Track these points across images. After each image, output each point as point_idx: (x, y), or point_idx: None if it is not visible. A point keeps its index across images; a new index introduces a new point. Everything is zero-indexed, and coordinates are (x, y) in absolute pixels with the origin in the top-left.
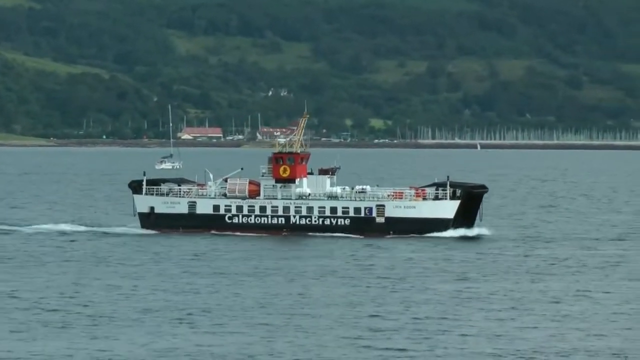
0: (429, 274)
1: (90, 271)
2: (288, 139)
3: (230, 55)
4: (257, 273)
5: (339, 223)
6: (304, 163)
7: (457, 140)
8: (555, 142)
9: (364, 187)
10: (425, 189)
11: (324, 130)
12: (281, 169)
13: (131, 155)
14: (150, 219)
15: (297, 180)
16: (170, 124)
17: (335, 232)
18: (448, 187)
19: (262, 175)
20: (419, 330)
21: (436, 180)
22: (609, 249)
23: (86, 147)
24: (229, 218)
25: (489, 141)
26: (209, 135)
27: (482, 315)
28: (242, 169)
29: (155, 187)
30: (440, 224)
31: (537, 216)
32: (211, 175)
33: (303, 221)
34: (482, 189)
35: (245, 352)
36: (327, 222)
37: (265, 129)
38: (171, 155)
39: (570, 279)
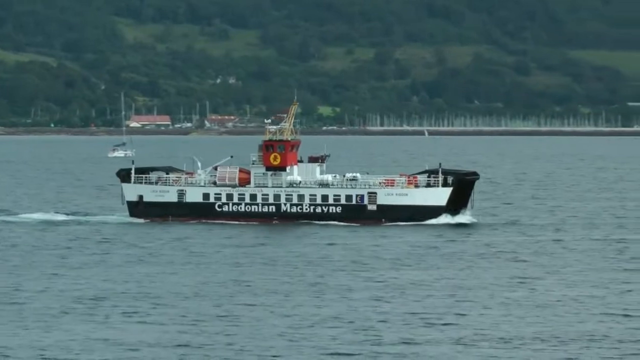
0: (373, 262)
1: (36, 259)
2: (279, 126)
3: (178, 43)
4: (204, 261)
5: (330, 211)
6: (294, 151)
7: (406, 127)
8: (504, 128)
9: (355, 174)
10: (417, 176)
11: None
12: (272, 156)
13: (81, 143)
14: (139, 208)
15: (288, 168)
16: (123, 112)
17: (326, 220)
18: (440, 174)
19: (253, 163)
20: (353, 320)
21: (427, 168)
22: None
23: (34, 135)
24: (219, 206)
25: (437, 128)
26: (157, 123)
27: (422, 303)
28: (231, 156)
29: (143, 176)
30: (433, 212)
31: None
32: (199, 164)
33: (294, 209)
34: (473, 176)
35: (176, 341)
36: (319, 210)
37: (213, 117)
38: (124, 144)
39: (508, 266)
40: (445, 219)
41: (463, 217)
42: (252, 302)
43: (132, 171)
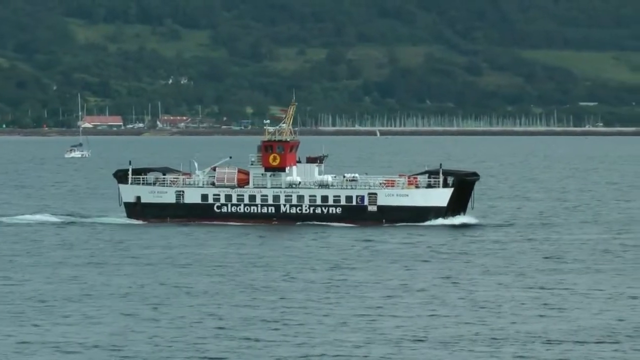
0: (310, 263)
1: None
2: (277, 127)
3: (129, 44)
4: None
5: (330, 212)
6: (293, 151)
7: (358, 127)
8: (456, 128)
9: (354, 175)
10: (417, 176)
11: (224, 118)
12: (271, 157)
13: (36, 144)
14: (136, 209)
15: (287, 169)
16: (80, 113)
17: (326, 221)
18: (441, 174)
19: (252, 164)
20: (286, 320)
21: (427, 168)
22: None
23: None
24: (218, 207)
25: (389, 128)
26: (109, 123)
27: (355, 304)
28: (230, 157)
29: (141, 176)
30: (434, 212)
31: None
32: (196, 165)
33: (293, 210)
34: (474, 177)
35: (107, 342)
36: (318, 210)
37: (165, 117)
38: (81, 144)
39: (441, 267)
40: (445, 220)
41: (463, 218)
42: (185, 304)
43: (130, 172)
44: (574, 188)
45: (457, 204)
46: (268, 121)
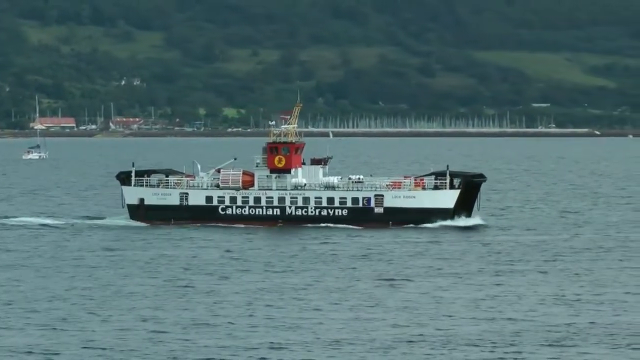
0: (249, 265)
1: None
2: (282, 128)
3: (82, 45)
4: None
5: (336, 214)
6: (299, 153)
7: (310, 129)
8: (409, 129)
9: (360, 176)
10: (424, 178)
11: (177, 120)
12: (276, 159)
13: None
14: (140, 211)
15: (293, 171)
16: (37, 115)
17: (332, 223)
18: (448, 176)
19: (257, 166)
20: (217, 324)
21: (432, 170)
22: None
23: None
24: (222, 209)
25: (341, 129)
26: (62, 125)
27: (292, 306)
28: (235, 159)
29: (144, 178)
30: (441, 214)
31: None
32: (199, 166)
33: (299, 212)
34: (481, 178)
35: (39, 347)
36: (324, 212)
37: (118, 119)
38: (38, 146)
39: (382, 268)
40: (452, 221)
41: (470, 220)
42: (121, 306)
43: (133, 174)
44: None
45: (463, 206)
46: (273, 122)
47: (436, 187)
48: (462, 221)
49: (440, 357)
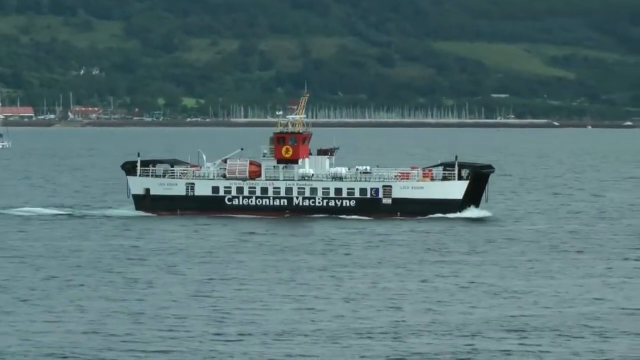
0: (189, 255)
1: None
2: (290, 117)
3: (41, 34)
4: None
5: (343, 204)
6: (306, 143)
7: (270, 119)
8: (368, 120)
9: (367, 167)
10: (432, 169)
11: (136, 109)
12: (283, 149)
13: None
14: (145, 201)
15: (300, 161)
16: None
17: (340, 214)
18: (456, 167)
19: (264, 156)
20: (159, 313)
21: (440, 161)
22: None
23: None
24: (229, 200)
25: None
26: (21, 114)
27: (233, 297)
28: (242, 149)
29: (149, 168)
30: (450, 205)
31: None
32: (204, 156)
33: (306, 203)
34: (489, 169)
35: None
36: (332, 203)
37: (77, 108)
38: (1, 135)
39: (324, 258)
40: (461, 212)
41: (479, 211)
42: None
43: (138, 164)
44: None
45: (472, 197)
46: (281, 112)
47: (445, 178)
48: (470, 212)
49: (384, 348)
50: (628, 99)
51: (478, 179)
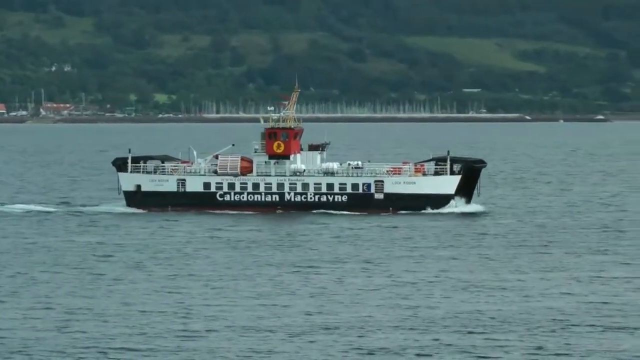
0: (152, 251)
1: None
2: (281, 113)
3: (13, 31)
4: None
5: (335, 200)
6: (297, 139)
7: (241, 114)
8: (339, 115)
9: (358, 162)
10: (424, 164)
11: (108, 106)
12: (275, 144)
13: None
14: (137, 198)
15: (292, 156)
16: None
17: (332, 210)
18: (448, 162)
19: (255, 152)
20: (118, 311)
21: (432, 156)
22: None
23: None
24: (220, 196)
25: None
26: None
27: (194, 292)
28: (233, 145)
29: (140, 164)
30: (442, 200)
31: None
32: (195, 152)
33: (298, 198)
34: (481, 164)
35: None
36: (324, 199)
37: (49, 105)
38: None
39: (288, 254)
40: (453, 207)
41: (470, 206)
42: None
43: (129, 160)
44: None
45: (464, 192)
46: (272, 108)
47: (437, 173)
48: (462, 207)
49: (350, 344)
50: (599, 92)
51: (470, 174)
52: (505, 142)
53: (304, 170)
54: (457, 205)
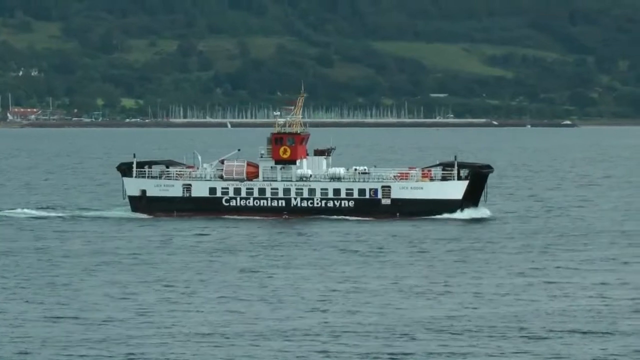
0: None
1: None
2: (288, 118)
3: None
4: None
5: (342, 205)
6: (304, 144)
7: (209, 119)
8: (307, 119)
9: (365, 167)
10: (431, 169)
11: (75, 110)
12: (281, 149)
13: None
14: (142, 203)
15: (298, 162)
16: None
17: (338, 215)
18: (456, 167)
19: (261, 157)
20: (71, 317)
21: (438, 162)
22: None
23: None
24: (226, 201)
25: (240, 119)
26: None
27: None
28: (239, 149)
29: (145, 169)
30: (450, 205)
31: None
32: (199, 157)
33: (304, 203)
34: (488, 169)
35: None
36: (330, 204)
37: (16, 109)
38: None
39: (244, 260)
40: (461, 213)
41: (477, 211)
42: None
43: (134, 165)
44: None
45: (471, 197)
46: (278, 112)
47: (444, 178)
48: (469, 212)
49: (304, 349)
50: (567, 97)
51: (477, 179)
52: (474, 147)
53: (311, 176)
54: (464, 211)
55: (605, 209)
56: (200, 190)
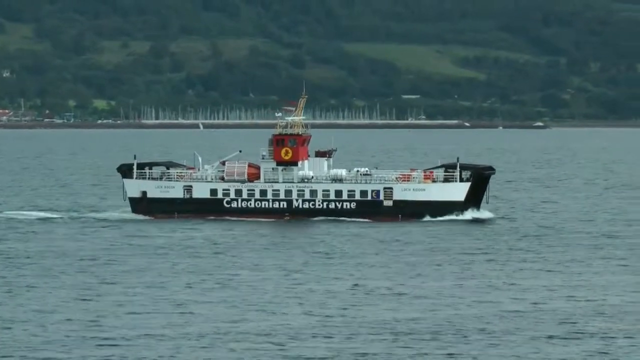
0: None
1: None
2: (289, 119)
3: None
4: None
5: (344, 207)
6: (305, 145)
7: (181, 120)
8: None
9: (366, 169)
10: (433, 171)
11: (47, 112)
12: (283, 151)
13: None
14: (142, 204)
15: (300, 163)
16: None
17: (340, 216)
18: (458, 169)
19: (262, 158)
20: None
21: (440, 163)
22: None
23: None
24: (227, 202)
25: (212, 121)
26: None
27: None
28: (240, 151)
29: (146, 171)
30: (452, 207)
31: None
32: (200, 159)
33: (306, 205)
34: (490, 171)
35: None
36: (332, 205)
37: None
38: None
39: (210, 261)
40: (463, 215)
41: (479, 213)
42: None
43: (135, 166)
44: None
45: (473, 199)
46: (280, 114)
47: (446, 180)
48: (471, 214)
49: (264, 351)
50: (538, 99)
51: (480, 181)
52: (446, 149)
53: (312, 177)
54: (465, 213)
55: (571, 210)
56: (201, 191)
